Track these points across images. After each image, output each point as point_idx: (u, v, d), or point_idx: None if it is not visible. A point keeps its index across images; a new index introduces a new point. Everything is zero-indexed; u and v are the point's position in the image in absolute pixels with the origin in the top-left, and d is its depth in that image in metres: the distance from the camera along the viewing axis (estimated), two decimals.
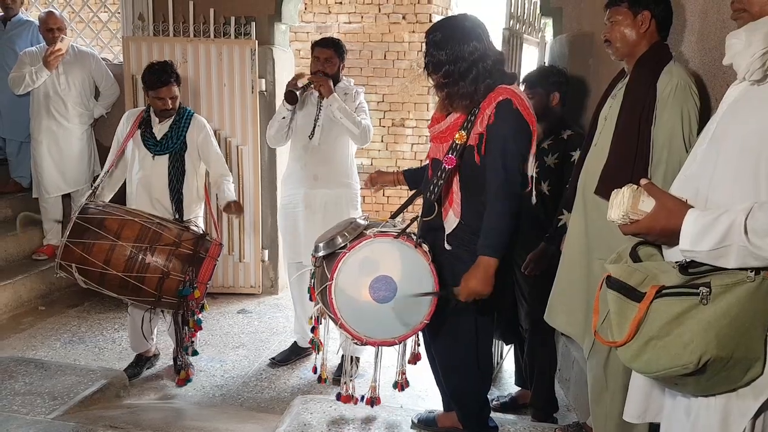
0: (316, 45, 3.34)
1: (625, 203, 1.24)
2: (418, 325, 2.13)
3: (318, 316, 2.44)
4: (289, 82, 3.27)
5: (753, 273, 1.14)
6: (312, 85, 3.23)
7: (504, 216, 2.04)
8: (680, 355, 1.16)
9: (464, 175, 2.14)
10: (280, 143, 3.47)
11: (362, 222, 2.24)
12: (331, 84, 3.24)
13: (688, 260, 1.19)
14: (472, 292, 2.04)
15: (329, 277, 2.09)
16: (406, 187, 2.58)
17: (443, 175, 2.10)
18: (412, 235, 2.15)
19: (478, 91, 2.07)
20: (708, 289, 1.15)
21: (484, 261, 2.03)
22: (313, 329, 2.47)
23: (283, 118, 3.30)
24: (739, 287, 1.14)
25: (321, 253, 2.19)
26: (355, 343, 2.26)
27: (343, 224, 2.29)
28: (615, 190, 1.28)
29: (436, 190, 2.12)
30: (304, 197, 3.36)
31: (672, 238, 1.20)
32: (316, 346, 2.52)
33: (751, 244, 1.10)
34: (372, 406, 2.53)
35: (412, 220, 2.17)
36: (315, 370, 2.57)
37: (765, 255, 1.10)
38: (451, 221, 2.18)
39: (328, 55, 3.29)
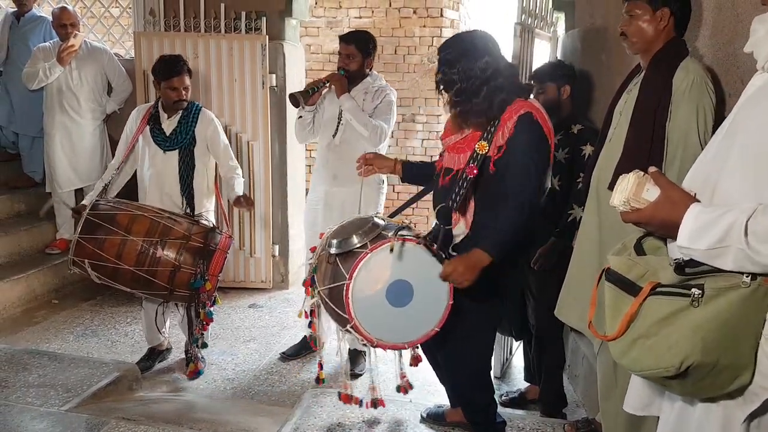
0: (340, 39, 3.29)
1: (628, 189, 1.18)
2: (429, 332, 2.11)
3: (312, 310, 2.37)
4: (308, 85, 3.25)
5: (749, 278, 1.07)
6: (328, 84, 3.20)
7: (514, 222, 2.03)
8: (663, 357, 1.12)
9: (480, 188, 2.13)
10: (307, 140, 3.49)
11: (380, 222, 2.20)
12: (345, 83, 3.20)
13: (686, 258, 1.14)
14: (450, 275, 2.01)
15: (347, 276, 2.05)
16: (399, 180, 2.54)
17: (465, 185, 2.09)
18: (433, 242, 2.11)
19: (492, 107, 2.07)
20: (700, 291, 1.09)
21: (478, 254, 2.01)
22: (310, 324, 2.40)
23: (300, 117, 3.30)
24: (733, 292, 1.08)
25: (334, 251, 2.14)
26: (364, 345, 2.25)
27: (359, 222, 2.25)
28: (622, 175, 1.22)
29: (458, 199, 2.10)
30: (324, 195, 3.38)
31: (672, 231, 1.15)
32: (314, 342, 2.46)
33: (749, 248, 1.04)
34: (375, 408, 2.52)
35: (442, 230, 2.12)
36: (321, 366, 2.54)
37: (763, 261, 1.04)
38: (459, 230, 2.18)
39: (350, 51, 3.24)
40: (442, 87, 2.13)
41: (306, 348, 3.64)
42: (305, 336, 3.66)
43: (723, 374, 1.12)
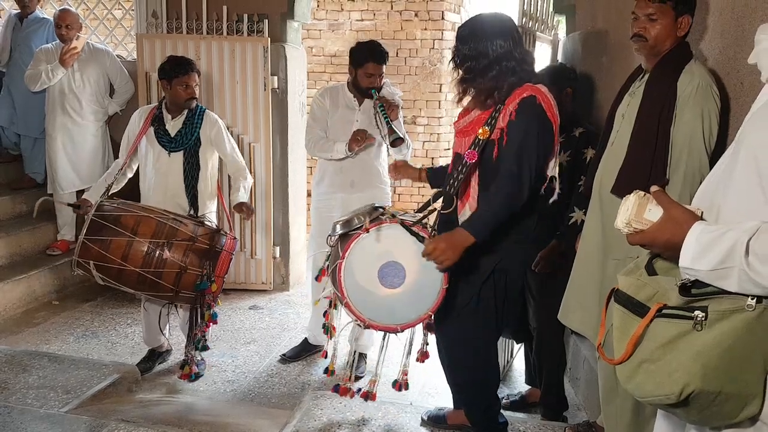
0: (368, 60, 3.13)
1: (630, 210, 1.15)
2: (422, 315, 2.14)
3: (330, 300, 2.42)
4: (365, 137, 3.13)
5: (754, 300, 1.02)
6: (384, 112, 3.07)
7: (498, 206, 2.05)
8: (664, 384, 1.07)
9: (483, 171, 2.14)
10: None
11: (380, 208, 2.27)
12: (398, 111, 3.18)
13: (692, 279, 1.08)
14: (432, 252, 2.02)
15: (341, 255, 2.11)
16: (426, 185, 2.57)
17: (464, 170, 2.11)
18: (428, 225, 2.16)
19: (500, 88, 2.07)
20: (704, 314, 1.04)
21: (461, 233, 2.03)
22: (325, 313, 2.45)
23: (336, 156, 3.25)
24: (737, 315, 1.03)
25: (338, 232, 2.22)
26: (358, 325, 2.27)
27: (361, 208, 2.33)
28: (626, 196, 1.19)
29: (456, 184, 2.13)
30: (341, 202, 3.35)
31: (677, 252, 1.09)
32: (327, 330, 2.48)
33: (750, 269, 0.99)
34: (366, 401, 2.51)
35: (429, 211, 2.18)
36: (325, 355, 2.56)
37: (764, 283, 0.99)
38: (465, 216, 2.18)
39: (381, 70, 3.18)
40: (456, 62, 2.14)
41: (306, 350, 3.63)
42: (305, 338, 3.67)
43: (729, 403, 1.07)
